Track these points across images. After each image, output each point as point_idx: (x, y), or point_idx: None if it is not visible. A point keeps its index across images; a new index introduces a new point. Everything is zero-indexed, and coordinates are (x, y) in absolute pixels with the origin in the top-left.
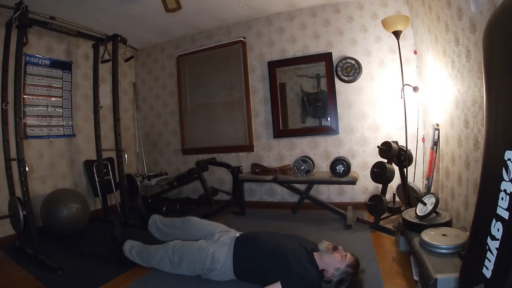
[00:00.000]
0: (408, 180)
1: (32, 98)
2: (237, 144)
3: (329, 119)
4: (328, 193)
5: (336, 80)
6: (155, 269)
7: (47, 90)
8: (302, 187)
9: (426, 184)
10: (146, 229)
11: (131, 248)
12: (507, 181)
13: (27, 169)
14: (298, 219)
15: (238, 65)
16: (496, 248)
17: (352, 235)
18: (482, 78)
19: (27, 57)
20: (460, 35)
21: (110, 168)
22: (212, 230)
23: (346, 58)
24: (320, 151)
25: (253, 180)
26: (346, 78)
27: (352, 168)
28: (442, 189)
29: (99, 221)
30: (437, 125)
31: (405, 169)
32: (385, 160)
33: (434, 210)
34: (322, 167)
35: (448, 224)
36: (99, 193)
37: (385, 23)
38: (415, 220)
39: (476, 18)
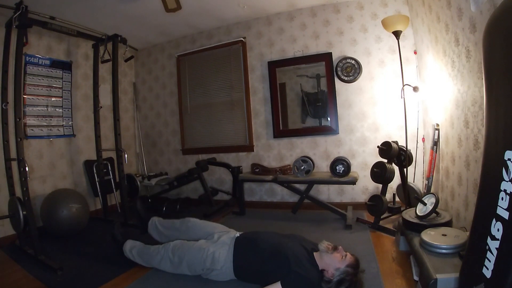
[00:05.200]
0: (408, 180)
1: (32, 98)
2: (237, 144)
3: (329, 119)
4: (328, 193)
5: (336, 80)
6: (155, 269)
7: (47, 90)
8: (302, 187)
9: (426, 184)
10: (146, 232)
11: (132, 248)
12: (507, 181)
13: (27, 169)
14: (298, 219)
15: (238, 65)
16: (496, 248)
17: (352, 235)
18: (482, 78)
19: (27, 57)
20: (460, 35)
21: (110, 168)
22: (211, 230)
23: (346, 58)
24: (320, 151)
25: (253, 180)
26: (346, 78)
27: (352, 168)
28: (442, 189)
29: (99, 221)
30: (437, 125)
31: (405, 169)
32: (385, 160)
33: (434, 210)
34: (322, 167)
35: (448, 224)
36: (99, 193)
37: (385, 23)
38: (415, 220)
39: (476, 18)
